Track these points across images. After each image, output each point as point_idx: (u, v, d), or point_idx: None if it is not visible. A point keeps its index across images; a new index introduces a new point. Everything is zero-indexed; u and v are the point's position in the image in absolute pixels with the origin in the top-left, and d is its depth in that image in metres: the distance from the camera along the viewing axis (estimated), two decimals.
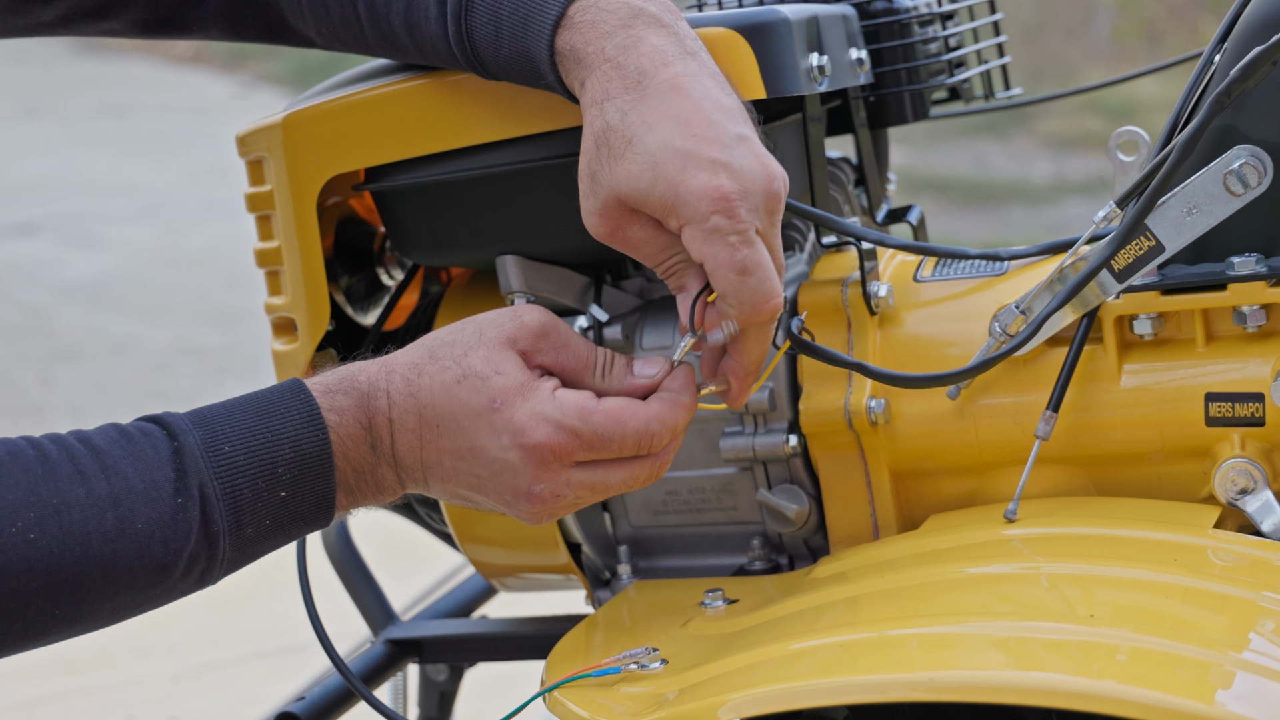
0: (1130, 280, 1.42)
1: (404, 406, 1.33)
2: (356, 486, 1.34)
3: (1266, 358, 1.43)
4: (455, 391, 1.33)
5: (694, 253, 1.31)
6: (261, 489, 1.30)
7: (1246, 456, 1.42)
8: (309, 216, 1.62)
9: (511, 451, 1.31)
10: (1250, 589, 1.30)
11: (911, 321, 1.54)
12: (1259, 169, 1.37)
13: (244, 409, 1.33)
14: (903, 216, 1.74)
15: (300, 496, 1.31)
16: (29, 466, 1.25)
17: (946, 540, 1.45)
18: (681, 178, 1.30)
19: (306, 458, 1.31)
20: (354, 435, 1.33)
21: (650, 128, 1.31)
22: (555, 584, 1.74)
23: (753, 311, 1.32)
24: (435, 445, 1.33)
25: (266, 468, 1.30)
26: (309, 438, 1.31)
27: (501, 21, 1.41)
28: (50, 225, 9.20)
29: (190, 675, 3.77)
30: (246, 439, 1.30)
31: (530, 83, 1.44)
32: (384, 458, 1.34)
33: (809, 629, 1.35)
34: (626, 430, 1.32)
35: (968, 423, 1.50)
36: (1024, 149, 9.77)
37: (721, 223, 1.29)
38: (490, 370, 1.33)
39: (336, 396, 1.33)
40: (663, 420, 1.34)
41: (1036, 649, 1.21)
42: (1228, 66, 1.42)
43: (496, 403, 1.32)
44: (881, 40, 1.68)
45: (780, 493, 1.57)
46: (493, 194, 1.56)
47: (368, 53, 1.57)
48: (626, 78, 1.33)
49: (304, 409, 1.32)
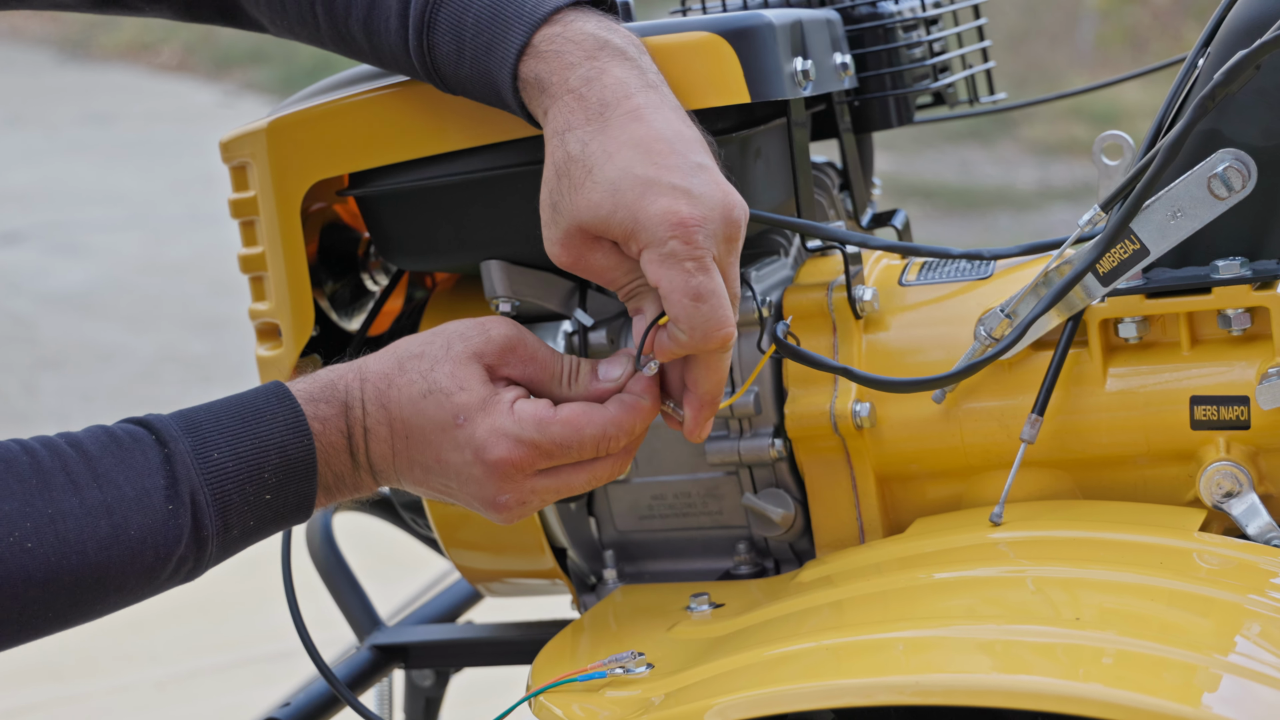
0: (1115, 284, 1.42)
1: (376, 417, 1.37)
2: (335, 487, 1.39)
3: (1251, 361, 1.43)
4: (421, 406, 1.36)
5: (650, 277, 1.32)
6: (249, 493, 1.33)
7: (1232, 460, 1.42)
8: (293, 222, 1.62)
9: (475, 466, 1.35)
10: (1236, 592, 1.30)
11: (897, 325, 1.54)
12: (1243, 172, 1.37)
13: (230, 414, 1.35)
14: (888, 221, 1.74)
15: (283, 498, 1.35)
16: (23, 475, 1.27)
17: (932, 544, 1.45)
18: (641, 203, 1.31)
19: (292, 463, 1.34)
20: (336, 444, 1.37)
21: (610, 156, 1.33)
22: (541, 589, 1.74)
23: (704, 338, 1.33)
24: (406, 455, 1.37)
25: (254, 473, 1.33)
26: (295, 443, 1.34)
27: (464, 43, 1.41)
28: (35, 234, 9.19)
29: (175, 682, 3.76)
30: (235, 445, 1.33)
31: (490, 102, 1.45)
32: (361, 465, 1.38)
33: (795, 633, 1.35)
34: (583, 436, 1.35)
35: (953, 426, 1.50)
36: (1009, 155, 9.79)
37: (678, 248, 1.30)
38: (455, 386, 1.36)
39: (320, 405, 1.37)
40: (619, 424, 1.37)
41: (1023, 652, 1.21)
42: (1211, 71, 1.42)
43: (460, 418, 1.35)
44: (866, 45, 1.68)
45: (766, 497, 1.57)
46: (477, 199, 1.56)
47: (323, 47, 1.56)
48: (589, 109, 1.35)
49: (289, 415, 1.35)
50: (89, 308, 7.81)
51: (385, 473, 1.39)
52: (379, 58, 1.51)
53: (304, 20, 1.53)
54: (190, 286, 8.06)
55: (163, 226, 9.33)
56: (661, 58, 1.43)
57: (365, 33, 1.49)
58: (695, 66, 1.46)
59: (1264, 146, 1.41)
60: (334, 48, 1.55)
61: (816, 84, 1.54)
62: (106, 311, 7.74)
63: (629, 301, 1.40)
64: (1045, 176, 9.15)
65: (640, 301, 1.39)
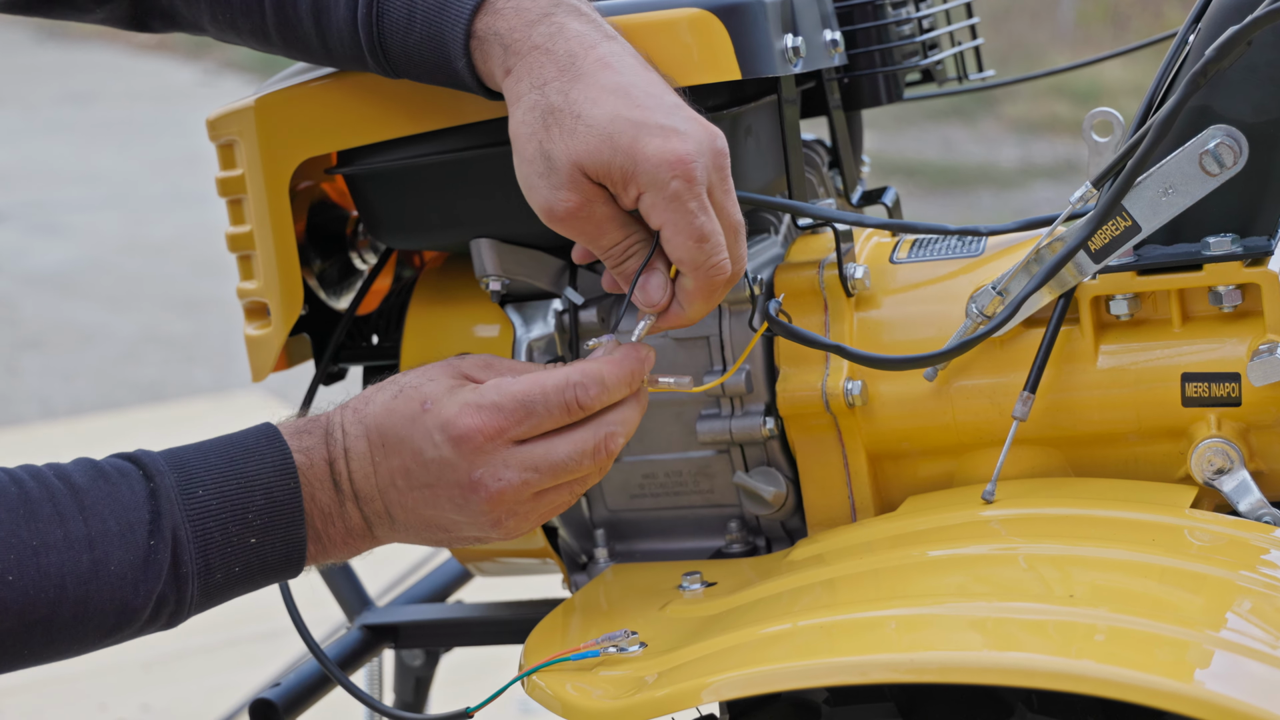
0: (1107, 261, 1.42)
1: (355, 434, 1.36)
2: (325, 532, 1.36)
3: (1242, 338, 1.43)
4: (393, 405, 1.36)
5: (654, 220, 1.34)
6: (232, 534, 1.31)
7: (1223, 436, 1.43)
8: (281, 200, 1.61)
9: (444, 446, 1.33)
10: (1227, 568, 1.31)
11: (888, 303, 1.54)
12: (1234, 149, 1.37)
13: (218, 452, 1.34)
14: (878, 198, 1.74)
15: (270, 544, 1.33)
16: (11, 505, 1.26)
17: (924, 522, 1.45)
18: (636, 145, 1.32)
19: (278, 505, 1.33)
20: (320, 474, 1.35)
21: (595, 103, 1.34)
22: (531, 568, 1.74)
23: (707, 278, 1.35)
24: (386, 466, 1.36)
25: (238, 512, 1.32)
26: (280, 485, 1.33)
27: (417, 5, 1.42)
28: (15, 214, 9.17)
29: (162, 663, 3.75)
30: (220, 483, 1.32)
31: (432, 72, 1.44)
32: (346, 494, 1.36)
33: (787, 611, 1.34)
34: (546, 387, 1.33)
35: (945, 404, 1.50)
36: (991, 133, 9.80)
37: (681, 188, 1.32)
38: (423, 380, 1.36)
39: (304, 436, 1.36)
40: (584, 371, 1.35)
41: (1015, 629, 1.21)
42: (1202, 47, 1.42)
43: (426, 404, 1.34)
44: (855, 22, 1.68)
45: (757, 475, 1.57)
46: (466, 177, 1.56)
47: (260, 44, 1.55)
48: (559, 62, 1.36)
49: (277, 456, 1.34)
50: (70, 288, 7.79)
51: (369, 496, 1.36)
52: (323, 39, 1.49)
53: (249, 9, 1.52)
54: (171, 267, 8.04)
55: (143, 206, 9.31)
56: (653, 33, 1.44)
57: (313, 11, 1.48)
58: (686, 43, 1.46)
59: (1255, 123, 1.41)
60: (276, 39, 1.53)
61: (807, 61, 1.54)
62: (87, 291, 7.72)
63: (624, 264, 1.39)
64: (1027, 154, 9.16)
65: (637, 263, 1.38)
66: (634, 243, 1.38)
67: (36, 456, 1.39)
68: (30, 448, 5.38)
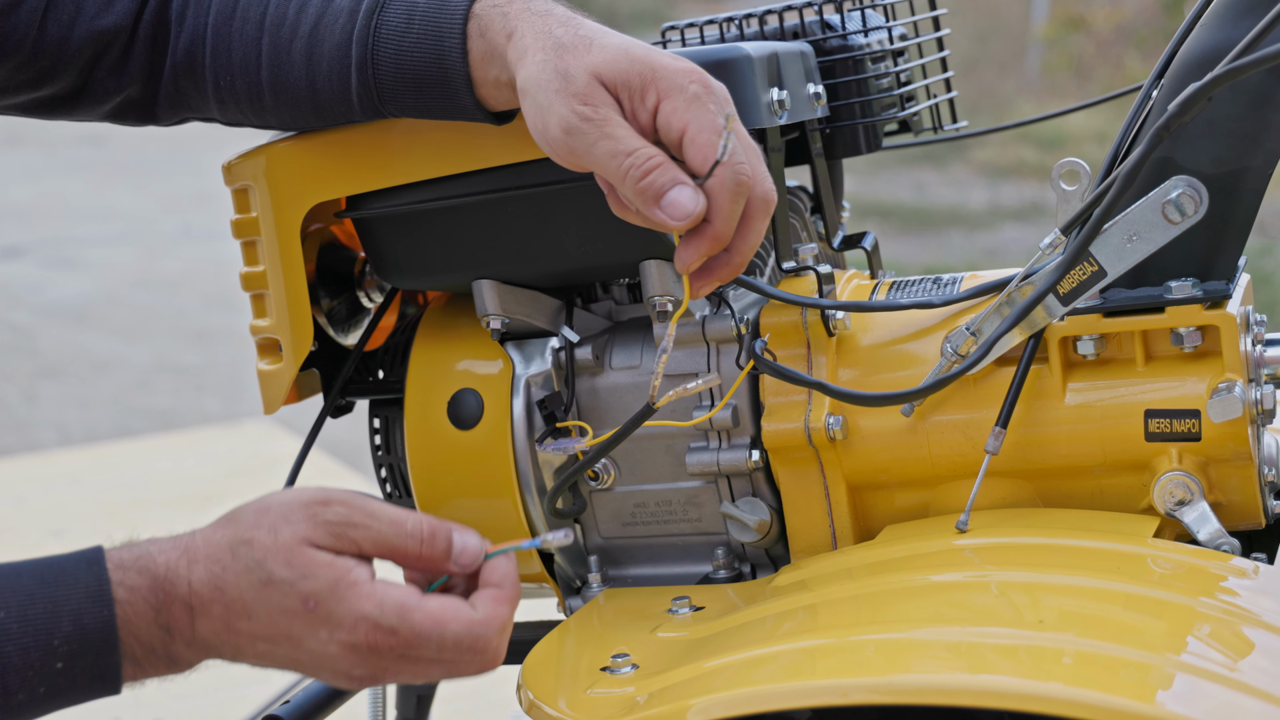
0: (1074, 303, 1.42)
1: (207, 596, 1.22)
2: (145, 659, 1.23)
3: (1202, 376, 1.43)
4: (265, 594, 1.22)
5: (676, 123, 1.30)
6: (33, 659, 1.19)
7: (1184, 470, 1.43)
8: (293, 242, 1.62)
9: (331, 645, 1.22)
10: (1188, 595, 1.31)
11: (867, 342, 1.54)
12: (1195, 198, 1.38)
13: (34, 574, 1.22)
14: (858, 243, 1.74)
15: (80, 668, 1.21)
16: None
17: (901, 550, 1.45)
18: (653, 58, 1.31)
19: (87, 632, 1.20)
20: (143, 615, 1.22)
21: (606, 34, 1.33)
22: (528, 592, 1.74)
23: (735, 171, 1.30)
24: (245, 632, 1.22)
25: (40, 638, 1.20)
26: (92, 613, 1.20)
27: (419, 6, 1.42)
28: (34, 248, 9.15)
29: (175, 676, 3.73)
30: (25, 607, 1.20)
31: (420, 74, 1.42)
32: (180, 639, 1.23)
33: (772, 635, 1.35)
34: (445, 634, 1.22)
35: (921, 438, 1.50)
36: (961, 177, 9.82)
37: (700, 91, 1.30)
38: (295, 575, 1.21)
39: (130, 573, 1.22)
40: (488, 624, 1.23)
41: (988, 653, 1.22)
42: (1165, 101, 1.43)
43: (310, 603, 1.21)
44: (837, 75, 1.69)
45: (743, 505, 1.57)
46: (469, 221, 1.56)
47: (255, 106, 1.54)
48: (559, 18, 1.36)
49: (92, 582, 1.21)
50: (86, 319, 7.78)
51: (218, 647, 1.23)
52: (312, 82, 1.48)
53: (247, 68, 1.52)
54: (183, 299, 8.03)
55: (156, 242, 9.31)
56: None
57: (307, 51, 1.48)
58: None
59: (1215, 174, 1.41)
60: (269, 95, 1.52)
61: (791, 113, 1.55)
62: (103, 323, 7.71)
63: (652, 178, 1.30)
64: (995, 197, 9.18)
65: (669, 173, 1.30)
66: (654, 153, 1.31)
67: (55, 481, 1.36)
68: (48, 473, 5.37)
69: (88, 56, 1.56)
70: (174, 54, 1.57)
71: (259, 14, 1.51)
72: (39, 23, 1.54)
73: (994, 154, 9.90)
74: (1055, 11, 13.29)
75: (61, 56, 1.55)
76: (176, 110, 1.61)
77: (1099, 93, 11.10)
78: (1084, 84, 11.73)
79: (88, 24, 1.55)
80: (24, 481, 5.20)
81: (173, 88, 1.58)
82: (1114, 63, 12.09)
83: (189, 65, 1.56)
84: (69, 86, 1.58)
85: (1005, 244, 7.94)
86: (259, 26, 1.51)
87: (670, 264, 1.49)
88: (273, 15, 1.50)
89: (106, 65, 1.57)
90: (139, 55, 1.57)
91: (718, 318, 1.56)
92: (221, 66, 1.54)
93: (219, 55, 1.54)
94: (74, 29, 1.55)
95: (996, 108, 10.39)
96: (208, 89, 1.56)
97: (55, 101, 1.59)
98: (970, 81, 10.48)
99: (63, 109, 1.61)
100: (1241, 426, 1.41)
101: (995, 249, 7.88)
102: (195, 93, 1.58)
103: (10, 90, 1.57)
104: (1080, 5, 13.40)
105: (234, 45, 1.52)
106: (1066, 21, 13.03)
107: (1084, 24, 12.92)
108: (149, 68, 1.58)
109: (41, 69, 1.56)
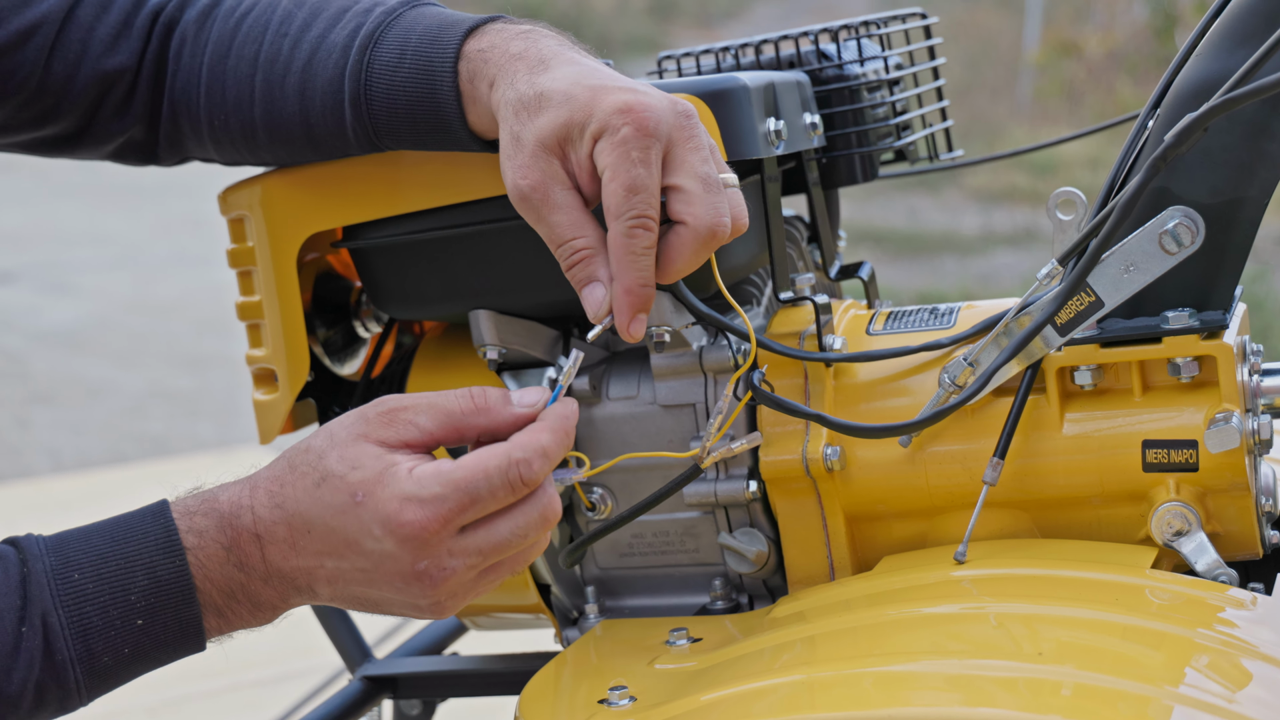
0: (1072, 334, 1.42)
1: (271, 519, 1.25)
2: (227, 607, 1.26)
3: (1199, 407, 1.43)
4: (318, 495, 1.24)
5: (600, 164, 1.30)
6: (113, 617, 1.21)
7: (1181, 500, 1.43)
8: (289, 272, 1.61)
9: (386, 540, 1.22)
10: (1186, 626, 1.31)
11: (865, 373, 1.54)
12: (1192, 229, 1.38)
13: (103, 533, 1.25)
14: (854, 272, 1.74)
15: (161, 624, 1.23)
16: None
17: (899, 581, 1.45)
18: (594, 100, 1.30)
19: (163, 584, 1.22)
20: (215, 557, 1.24)
21: (557, 80, 1.32)
22: (524, 623, 1.73)
23: (626, 231, 1.29)
24: (310, 549, 1.25)
25: (118, 595, 1.22)
26: (165, 564, 1.23)
27: (409, 45, 1.42)
28: (27, 274, 9.15)
29: (167, 707, 3.73)
30: (98, 566, 1.22)
31: (413, 108, 1.43)
32: (256, 574, 1.26)
33: (769, 667, 1.34)
34: (490, 468, 1.22)
35: (919, 469, 1.50)
36: (954, 202, 9.84)
37: (629, 135, 1.28)
38: (346, 468, 1.24)
39: (196, 518, 1.25)
40: (525, 446, 1.24)
41: (987, 686, 1.21)
42: (1161, 131, 1.43)
43: (358, 495, 1.23)
44: (833, 105, 1.69)
45: (741, 536, 1.57)
46: (466, 251, 1.56)
47: (248, 143, 1.54)
48: (531, 64, 1.35)
49: (161, 534, 1.24)
50: (79, 345, 7.78)
51: (291, 575, 1.26)
52: (306, 113, 1.49)
53: (240, 104, 1.52)
54: (176, 325, 8.03)
55: (150, 267, 9.31)
56: None
57: (300, 84, 1.48)
58: None
59: (1211, 204, 1.41)
60: (262, 131, 1.52)
61: (788, 143, 1.55)
62: (96, 348, 7.71)
63: (576, 268, 1.33)
64: (988, 222, 9.20)
65: (590, 267, 1.32)
66: (583, 245, 1.32)
67: (47, 508, 1.36)
68: (40, 499, 5.36)
69: (92, 97, 1.56)
70: (171, 93, 1.57)
71: (253, 51, 1.52)
72: (44, 61, 1.54)
73: (987, 179, 9.92)
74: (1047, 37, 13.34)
75: (66, 96, 1.56)
76: (176, 150, 1.61)
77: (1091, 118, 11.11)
78: (1076, 109, 11.77)
79: (93, 64, 1.55)
80: (16, 508, 5.18)
81: (171, 127, 1.58)
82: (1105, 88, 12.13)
83: (185, 105, 1.56)
84: (72, 126, 1.58)
85: (998, 269, 7.95)
86: (253, 64, 1.51)
87: (667, 294, 1.49)
88: (267, 52, 1.51)
89: (110, 106, 1.57)
90: (142, 96, 1.58)
91: (715, 348, 1.56)
92: (216, 105, 1.54)
93: (214, 94, 1.54)
94: (79, 69, 1.55)
95: (989, 133, 10.41)
96: (203, 128, 1.56)
97: (58, 141, 1.60)
98: (962, 107, 10.51)
99: (65, 148, 1.61)
100: (1239, 457, 1.41)
101: (988, 274, 7.89)
102: (191, 132, 1.58)
103: (13, 129, 1.57)
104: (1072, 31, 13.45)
105: (228, 84, 1.53)
106: (1058, 47, 13.08)
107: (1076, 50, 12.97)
108: (151, 109, 1.58)
109: (45, 108, 1.56)
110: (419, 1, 1.48)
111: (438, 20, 1.44)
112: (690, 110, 1.33)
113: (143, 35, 1.57)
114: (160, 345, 7.69)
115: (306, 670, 3.11)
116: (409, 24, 1.44)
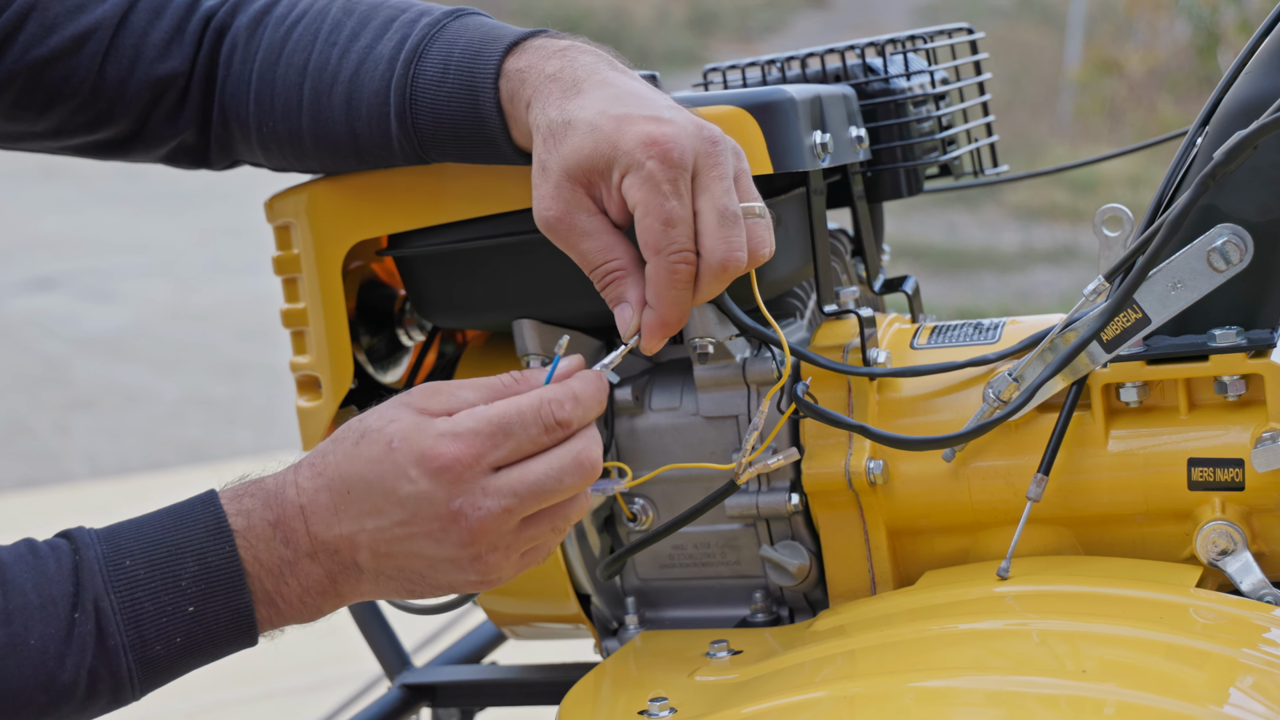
0: (1118, 350, 1.42)
1: (313, 488, 1.26)
2: (277, 592, 1.26)
3: (1246, 425, 1.43)
4: (356, 451, 1.26)
5: (629, 201, 1.30)
6: (164, 603, 1.22)
7: (1227, 519, 1.42)
8: (334, 280, 1.62)
9: (421, 480, 1.23)
10: (1230, 646, 1.30)
11: (908, 387, 1.54)
12: (1240, 246, 1.38)
13: (153, 522, 1.26)
14: (898, 286, 1.74)
15: (212, 612, 1.24)
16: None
17: (941, 596, 1.44)
18: (619, 133, 1.30)
19: (213, 570, 1.24)
20: (262, 535, 1.26)
21: (584, 108, 1.32)
22: (564, 633, 1.73)
23: (669, 265, 1.30)
24: (351, 511, 1.25)
25: (169, 581, 1.23)
26: (215, 550, 1.24)
27: (453, 59, 1.43)
28: (68, 281, 9.21)
29: (203, 713, 3.74)
30: (149, 552, 1.23)
31: (457, 124, 1.43)
32: (302, 550, 1.26)
33: (810, 681, 1.34)
34: (523, 405, 1.25)
35: (962, 484, 1.50)
36: (993, 219, 9.82)
37: (655, 169, 1.28)
38: (384, 422, 1.26)
39: (244, 500, 1.27)
40: (557, 389, 1.27)
41: (1029, 703, 1.21)
42: (1210, 149, 1.43)
43: (394, 442, 1.24)
44: (879, 119, 1.68)
45: (782, 548, 1.56)
46: (510, 260, 1.56)
47: (295, 150, 1.55)
48: (564, 86, 1.35)
49: (210, 520, 1.25)
50: (119, 351, 7.82)
51: (334, 545, 1.26)
52: (352, 125, 1.49)
53: (289, 112, 1.53)
54: (215, 333, 8.07)
55: (189, 275, 9.35)
56: None
57: (347, 95, 1.49)
58: None
59: (1259, 222, 1.41)
60: (309, 139, 1.53)
61: (834, 156, 1.54)
62: (135, 355, 7.75)
63: (609, 288, 1.34)
64: (1027, 239, 9.17)
65: (620, 288, 1.34)
66: (615, 267, 1.33)
67: (85, 513, 1.37)
68: (79, 504, 5.39)
69: (145, 101, 1.57)
70: (221, 98, 1.58)
71: (302, 60, 1.52)
72: (99, 67, 1.55)
73: (1027, 196, 9.89)
74: (1088, 55, 13.31)
75: (119, 100, 1.57)
76: (227, 154, 1.62)
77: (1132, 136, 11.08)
78: (1116, 127, 11.73)
79: (146, 69, 1.57)
80: (55, 512, 5.21)
81: (222, 131, 1.60)
82: (1147, 106, 12.09)
83: (235, 110, 1.58)
84: (126, 130, 1.59)
85: (1037, 286, 7.93)
86: (301, 72, 1.52)
87: (712, 306, 1.49)
88: (315, 61, 1.52)
89: (163, 110, 1.58)
90: (194, 101, 1.59)
91: (758, 360, 1.56)
92: (265, 112, 1.55)
93: (262, 101, 1.55)
94: (133, 73, 1.56)
95: (1029, 150, 10.39)
96: (252, 134, 1.57)
97: (111, 144, 1.61)
98: (1003, 124, 10.47)
99: (118, 152, 1.62)
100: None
101: (1027, 291, 7.87)
102: (241, 138, 1.59)
103: (67, 132, 1.59)
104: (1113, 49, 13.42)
105: (277, 90, 1.54)
106: (1099, 65, 13.05)
107: (1117, 67, 12.93)
108: (203, 114, 1.60)
109: (99, 112, 1.57)
110: (463, 10, 1.48)
111: (480, 34, 1.44)
112: (717, 136, 1.32)
113: (195, 40, 1.58)
114: (199, 352, 7.73)
115: (342, 678, 3.12)
116: (452, 37, 1.45)
